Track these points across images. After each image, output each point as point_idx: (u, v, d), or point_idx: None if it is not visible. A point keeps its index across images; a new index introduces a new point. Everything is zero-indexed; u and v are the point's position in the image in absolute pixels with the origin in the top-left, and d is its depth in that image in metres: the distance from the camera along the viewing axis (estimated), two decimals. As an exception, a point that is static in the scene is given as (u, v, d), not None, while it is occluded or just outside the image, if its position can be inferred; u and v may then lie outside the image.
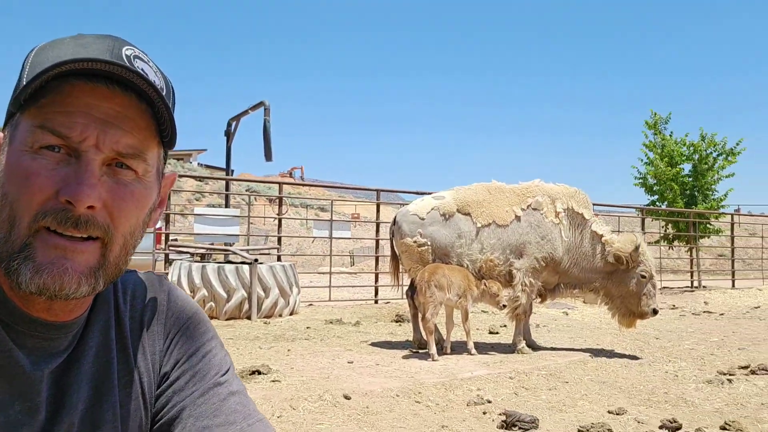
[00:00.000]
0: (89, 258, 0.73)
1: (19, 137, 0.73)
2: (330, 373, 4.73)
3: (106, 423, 0.82)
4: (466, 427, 3.45)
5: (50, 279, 0.70)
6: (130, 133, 0.75)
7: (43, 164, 0.71)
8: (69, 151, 0.72)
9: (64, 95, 0.72)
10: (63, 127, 0.71)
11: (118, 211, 0.74)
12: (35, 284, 0.70)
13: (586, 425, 3.35)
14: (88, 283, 0.73)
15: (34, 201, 0.70)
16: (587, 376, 4.80)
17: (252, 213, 24.12)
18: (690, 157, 15.87)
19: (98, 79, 0.73)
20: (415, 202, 6.44)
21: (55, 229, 0.70)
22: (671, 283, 15.10)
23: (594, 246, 6.03)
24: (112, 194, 0.74)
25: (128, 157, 0.75)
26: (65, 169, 0.71)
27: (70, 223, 0.70)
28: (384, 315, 8.41)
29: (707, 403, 4.06)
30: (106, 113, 0.73)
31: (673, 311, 9.93)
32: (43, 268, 0.70)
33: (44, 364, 0.76)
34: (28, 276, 0.70)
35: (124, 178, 0.75)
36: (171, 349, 0.91)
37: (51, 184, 0.70)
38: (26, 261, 0.70)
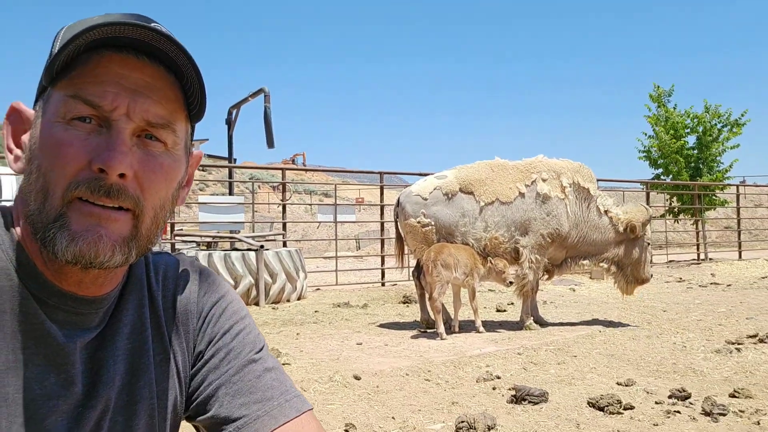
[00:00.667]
0: (122, 227, 0.73)
1: (51, 109, 0.73)
2: (339, 354, 4.76)
3: (143, 399, 0.82)
4: (476, 402, 3.47)
5: (86, 246, 0.70)
6: (160, 103, 0.75)
7: (75, 135, 0.71)
8: (100, 122, 0.72)
9: (95, 66, 0.72)
10: (94, 96, 0.71)
11: (148, 182, 0.75)
12: (71, 252, 0.70)
13: (596, 397, 3.37)
14: (121, 251, 0.73)
15: (67, 171, 0.70)
16: (595, 350, 4.82)
17: (256, 200, 24.14)
18: (694, 129, 15.74)
19: (128, 50, 0.73)
20: (417, 183, 6.43)
21: (87, 199, 0.71)
22: (677, 257, 15.07)
23: (601, 219, 6.08)
24: (142, 165, 0.74)
25: (158, 128, 0.75)
26: (97, 138, 0.72)
27: (103, 192, 0.71)
28: (391, 297, 8.44)
29: (716, 372, 4.07)
30: (136, 83, 0.73)
31: (680, 284, 9.93)
32: (79, 236, 0.70)
33: (76, 336, 0.77)
34: (63, 244, 0.70)
35: (154, 149, 0.76)
36: (204, 328, 0.91)
37: (83, 153, 0.71)
38: (62, 230, 0.70)
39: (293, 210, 30.20)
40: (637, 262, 6.11)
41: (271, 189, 32.32)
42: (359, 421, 3.15)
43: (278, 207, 19.89)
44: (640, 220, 5.98)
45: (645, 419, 3.15)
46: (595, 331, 5.61)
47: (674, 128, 15.58)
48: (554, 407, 3.36)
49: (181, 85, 0.78)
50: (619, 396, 3.37)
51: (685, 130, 15.73)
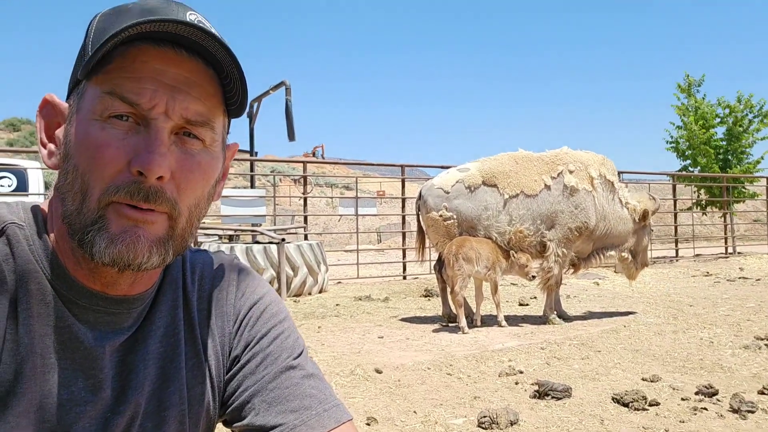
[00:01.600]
0: (158, 228, 0.72)
1: (87, 105, 0.71)
2: (361, 348, 4.76)
3: (173, 405, 0.80)
4: (498, 397, 3.45)
5: (125, 248, 0.69)
6: (199, 99, 0.72)
7: (113, 134, 0.69)
8: (137, 119, 0.70)
9: (132, 60, 0.70)
10: (132, 94, 0.69)
11: (185, 182, 0.73)
12: (109, 254, 0.69)
13: (620, 393, 3.32)
14: (158, 253, 0.72)
15: (105, 174, 0.69)
16: (620, 345, 4.75)
17: (277, 193, 24.30)
18: (724, 120, 15.42)
19: (165, 44, 0.71)
20: (439, 176, 6.39)
21: (126, 203, 0.69)
22: (705, 250, 14.79)
23: (623, 210, 6.14)
24: (180, 165, 0.72)
25: (197, 125, 0.73)
26: (134, 138, 0.69)
27: (141, 196, 0.69)
28: (413, 290, 8.43)
29: (744, 369, 3.99)
30: (175, 79, 0.70)
31: (707, 278, 9.75)
32: (117, 238, 0.69)
33: (106, 339, 0.75)
34: (102, 246, 0.69)
35: (192, 147, 0.73)
36: (241, 332, 0.87)
37: (122, 155, 0.69)
38: (100, 232, 0.69)
39: (314, 203, 30.33)
40: (645, 248, 6.32)
41: (292, 182, 32.50)
42: (381, 414, 3.14)
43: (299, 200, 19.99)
44: (652, 209, 6.16)
45: (671, 416, 3.09)
46: (620, 326, 5.53)
47: (704, 118, 15.27)
48: (578, 403, 3.32)
49: (220, 79, 0.75)
50: (644, 392, 3.32)
51: (715, 120, 15.41)
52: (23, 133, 38.79)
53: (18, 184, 9.09)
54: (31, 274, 0.72)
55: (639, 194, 6.44)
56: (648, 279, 9.74)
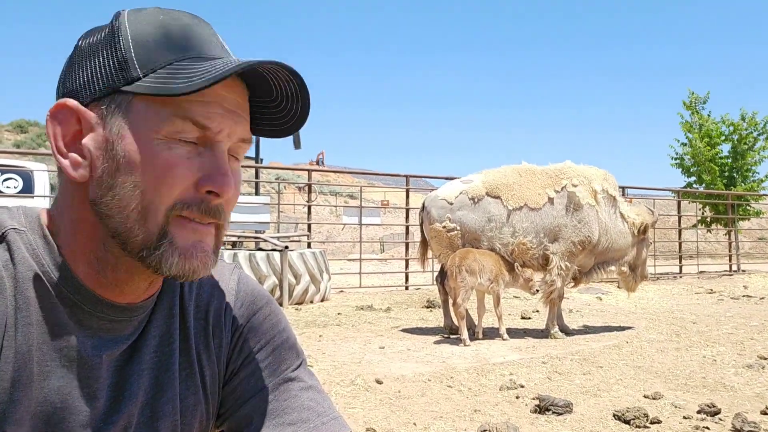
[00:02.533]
0: (212, 239, 0.75)
1: (148, 124, 0.69)
2: (362, 358, 4.75)
3: (166, 416, 0.80)
4: (499, 411, 3.43)
5: (197, 262, 0.72)
6: (246, 121, 0.76)
7: (179, 154, 0.70)
8: (199, 140, 0.72)
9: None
10: (203, 118, 0.70)
11: (233, 198, 0.76)
12: (179, 268, 0.71)
13: (622, 409, 3.30)
14: (213, 262, 0.75)
15: (174, 192, 0.70)
16: (622, 361, 4.72)
17: (281, 201, 24.33)
18: (729, 137, 15.41)
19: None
20: (443, 187, 6.40)
21: (192, 218, 0.72)
22: (709, 267, 14.73)
23: (624, 224, 6.17)
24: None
25: (246, 142, 0.77)
26: (198, 159, 0.71)
27: (211, 213, 0.72)
28: (415, 301, 8.41)
29: (747, 388, 3.96)
30: (234, 104, 0.73)
31: (710, 295, 9.71)
32: (188, 252, 0.72)
33: (105, 348, 0.75)
34: (175, 261, 0.71)
35: (235, 166, 0.77)
36: (240, 342, 0.87)
37: (190, 174, 0.71)
38: (171, 247, 0.71)
39: (318, 211, 30.36)
40: (643, 261, 6.35)
41: (296, 190, 32.54)
42: (380, 426, 3.13)
43: (303, 208, 19.98)
44: (650, 222, 6.21)
45: (673, 434, 3.07)
46: (622, 342, 5.50)
47: (708, 136, 15.27)
48: (579, 419, 3.30)
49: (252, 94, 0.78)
50: (645, 409, 3.30)
51: (720, 138, 15.40)
52: (30, 135, 39.00)
53: (24, 186, 9.13)
54: (31, 280, 0.71)
55: (638, 208, 6.50)
56: (651, 295, 9.70)
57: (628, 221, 6.14)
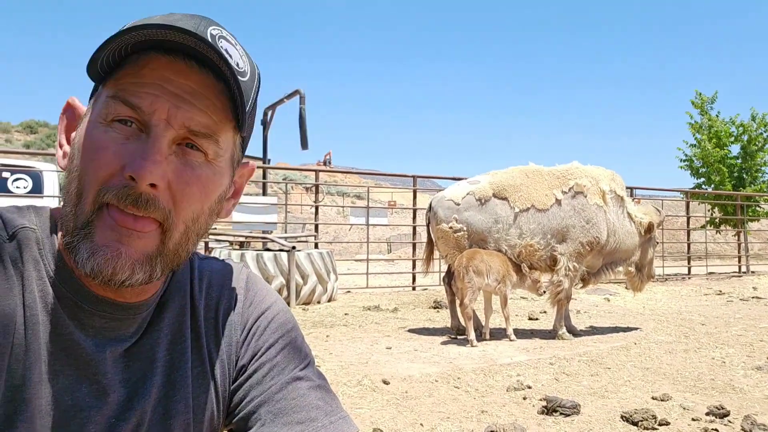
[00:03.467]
0: (147, 244, 0.71)
1: (96, 109, 0.72)
2: (369, 358, 4.75)
3: (178, 414, 0.80)
4: (506, 412, 3.42)
5: (103, 262, 0.68)
6: (204, 111, 0.72)
7: (113, 137, 0.69)
8: (140, 126, 0.70)
9: (141, 67, 0.70)
10: (134, 97, 0.69)
11: (181, 194, 0.72)
12: (89, 266, 0.68)
13: (630, 411, 3.28)
14: (143, 270, 0.71)
15: (99, 175, 0.68)
16: (630, 362, 4.70)
17: (289, 201, 24.37)
18: (738, 138, 15.30)
19: (176, 54, 0.71)
20: (450, 188, 6.39)
21: (116, 205, 0.68)
22: (718, 269, 14.64)
23: (631, 224, 6.16)
24: (177, 176, 0.71)
25: (199, 137, 0.72)
26: (134, 144, 0.69)
27: (130, 200, 0.68)
28: (422, 301, 8.41)
29: (756, 390, 3.93)
30: (181, 88, 0.70)
31: (719, 297, 9.64)
32: (98, 251, 0.68)
33: (109, 346, 0.75)
34: (84, 256, 0.68)
35: (193, 159, 0.72)
36: (248, 341, 0.87)
37: (118, 159, 0.68)
38: (85, 240, 0.69)
39: (325, 212, 30.40)
40: (650, 261, 6.34)
41: (304, 190, 32.59)
42: (387, 426, 3.13)
43: (311, 208, 20.00)
44: (657, 221, 6.21)
45: (681, 436, 3.05)
46: (630, 343, 5.48)
47: (717, 136, 15.18)
48: (586, 420, 3.29)
49: (231, 95, 0.74)
50: (654, 411, 3.28)
51: (729, 139, 15.31)
52: (40, 136, 39.27)
53: (33, 186, 9.20)
54: (36, 279, 0.72)
55: (645, 207, 6.47)
56: (659, 296, 9.65)
57: (635, 221, 6.12)
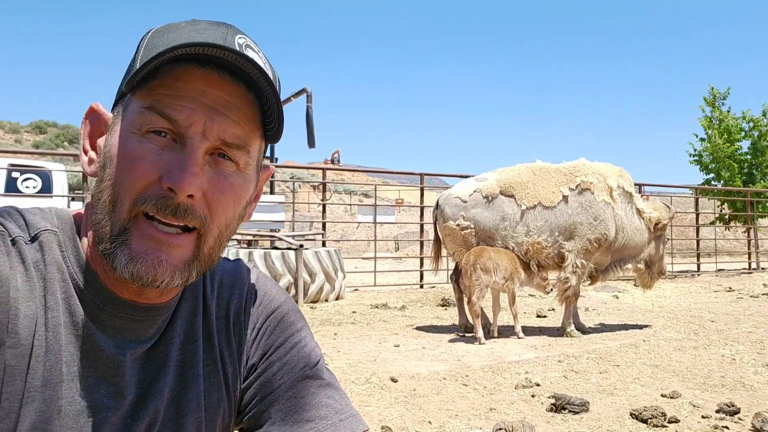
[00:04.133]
0: (184, 251, 0.72)
1: (128, 118, 0.72)
2: (377, 356, 4.76)
3: (191, 412, 0.81)
4: (514, 409, 3.42)
5: (144, 269, 0.70)
6: (238, 123, 0.73)
7: (149, 148, 0.70)
8: (175, 137, 0.71)
9: (175, 79, 0.71)
10: (171, 110, 0.70)
11: (216, 202, 0.73)
12: (129, 271, 0.70)
13: (639, 408, 3.27)
14: (181, 276, 0.72)
15: (137, 185, 0.70)
16: (639, 360, 4.68)
17: (296, 200, 24.42)
18: (749, 134, 15.18)
19: (210, 66, 0.71)
20: (457, 185, 6.38)
21: (153, 215, 0.70)
22: (727, 265, 14.54)
23: (640, 221, 6.11)
24: (212, 185, 0.72)
25: (233, 148, 0.73)
26: (169, 155, 0.70)
27: (169, 211, 0.69)
28: (429, 299, 8.41)
29: (767, 387, 3.91)
30: (215, 101, 0.71)
31: (729, 294, 9.58)
32: (138, 258, 0.70)
33: (128, 348, 0.76)
34: (123, 262, 0.70)
35: (226, 169, 0.74)
36: (258, 340, 0.88)
37: (155, 169, 0.70)
38: (122, 246, 0.70)
39: (333, 210, 30.42)
40: (660, 257, 6.26)
41: (311, 188, 32.63)
42: (395, 424, 3.13)
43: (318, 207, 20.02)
44: (668, 217, 6.14)
45: (691, 434, 3.04)
46: (639, 340, 5.45)
47: (728, 132, 15.06)
48: (595, 417, 3.28)
49: (261, 104, 0.75)
50: (663, 408, 3.27)
51: (740, 134, 15.19)
52: (49, 136, 39.51)
53: (43, 186, 9.26)
54: (59, 281, 0.73)
55: (654, 203, 6.40)
56: (669, 293, 9.60)
57: (644, 217, 6.08)
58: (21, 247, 0.72)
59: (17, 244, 0.72)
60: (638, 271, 6.30)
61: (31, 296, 0.70)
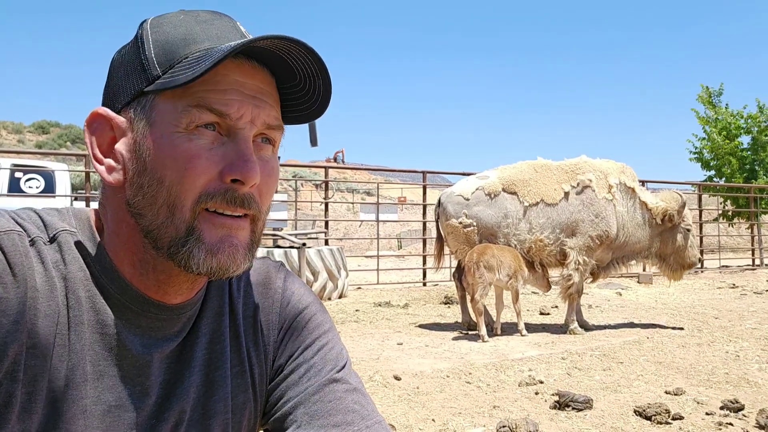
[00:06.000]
0: (246, 234, 0.74)
1: (167, 119, 0.71)
2: (380, 354, 4.76)
3: (218, 414, 0.80)
4: (518, 407, 3.42)
5: (225, 258, 0.71)
6: (273, 106, 0.76)
7: (201, 145, 0.70)
8: (221, 130, 0.72)
9: (213, 74, 0.70)
10: (221, 105, 0.70)
11: (265, 187, 0.75)
12: (207, 265, 0.70)
13: (643, 405, 3.27)
14: (247, 258, 0.74)
15: (198, 183, 0.70)
16: (643, 357, 4.68)
17: (299, 198, 24.45)
18: (749, 130, 15.16)
19: (239, 56, 0.72)
20: (459, 183, 6.38)
21: (219, 210, 0.71)
22: (731, 262, 14.52)
23: (644, 215, 6.02)
24: (261, 171, 0.74)
25: (274, 129, 0.76)
26: (221, 148, 0.71)
27: (238, 203, 0.71)
28: (432, 297, 8.41)
29: (772, 384, 3.90)
30: (254, 89, 0.73)
31: (733, 290, 9.56)
32: (216, 249, 0.71)
33: (155, 347, 0.76)
34: (201, 257, 0.70)
35: (266, 153, 0.76)
36: (285, 341, 0.87)
37: (213, 165, 0.70)
38: (197, 243, 0.70)
39: (335, 208, 30.43)
40: (679, 249, 6.03)
41: (314, 187, 32.64)
42: (399, 422, 3.14)
43: (321, 205, 20.05)
44: (676, 208, 5.92)
45: (695, 430, 3.04)
46: (643, 337, 5.45)
47: (726, 129, 15.04)
48: (599, 415, 3.28)
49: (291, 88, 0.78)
50: (667, 405, 3.26)
51: (739, 131, 15.17)
52: (52, 136, 39.58)
53: (46, 186, 9.27)
54: (81, 280, 0.72)
55: (663, 193, 6.21)
56: (672, 290, 9.59)
57: (650, 209, 5.96)
58: (40, 247, 0.71)
59: (36, 245, 0.71)
60: (656, 265, 6.20)
61: (51, 295, 0.70)
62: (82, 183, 15.18)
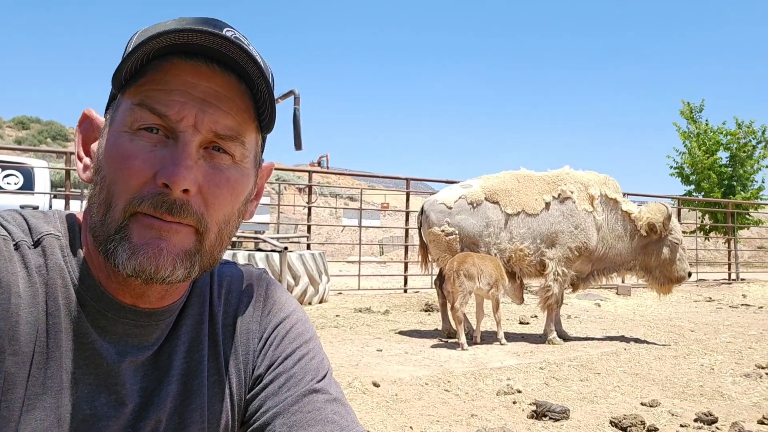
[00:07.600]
0: (184, 240, 0.70)
1: (119, 117, 0.71)
2: (359, 360, 4.74)
3: (194, 423, 0.79)
4: (495, 416, 3.43)
5: (146, 260, 0.68)
6: (229, 114, 0.71)
7: (141, 146, 0.68)
8: (167, 132, 0.69)
9: (164, 73, 0.69)
10: (160, 105, 0.68)
11: (213, 197, 0.71)
12: (131, 266, 0.68)
13: (618, 416, 3.29)
14: (183, 266, 0.70)
15: (131, 185, 0.68)
16: (620, 368, 4.72)
17: (282, 202, 24.35)
18: (727, 146, 15.44)
19: (198, 58, 0.70)
20: (442, 191, 6.40)
21: (150, 214, 0.68)
22: (708, 275, 14.72)
23: (626, 227, 6.01)
24: (207, 179, 0.71)
25: (226, 140, 0.72)
26: (162, 150, 0.69)
27: (165, 208, 0.68)
28: (413, 304, 8.41)
29: (744, 397, 3.95)
30: (206, 92, 0.70)
31: (709, 304, 9.70)
32: (139, 249, 0.68)
33: (130, 355, 0.75)
34: (124, 257, 0.68)
35: (221, 162, 0.72)
36: (265, 350, 0.85)
37: (148, 167, 0.68)
38: (122, 242, 0.68)
39: (318, 213, 30.36)
40: (665, 263, 5.93)
41: (297, 191, 32.55)
42: (377, 429, 3.13)
43: (303, 209, 19.97)
44: (660, 219, 5.83)
45: (669, 442, 3.06)
46: (620, 349, 5.50)
47: (706, 144, 15.31)
48: (575, 425, 3.30)
49: (252, 95, 0.73)
50: (642, 417, 3.29)
51: (719, 146, 15.44)
52: (32, 132, 39.01)
53: (24, 183, 9.13)
54: (60, 287, 0.72)
55: (650, 205, 6.15)
56: (650, 302, 9.70)
57: (635, 219, 5.91)
58: (24, 251, 0.70)
59: (20, 249, 0.70)
60: (643, 278, 6.16)
61: (33, 302, 0.69)
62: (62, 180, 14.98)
